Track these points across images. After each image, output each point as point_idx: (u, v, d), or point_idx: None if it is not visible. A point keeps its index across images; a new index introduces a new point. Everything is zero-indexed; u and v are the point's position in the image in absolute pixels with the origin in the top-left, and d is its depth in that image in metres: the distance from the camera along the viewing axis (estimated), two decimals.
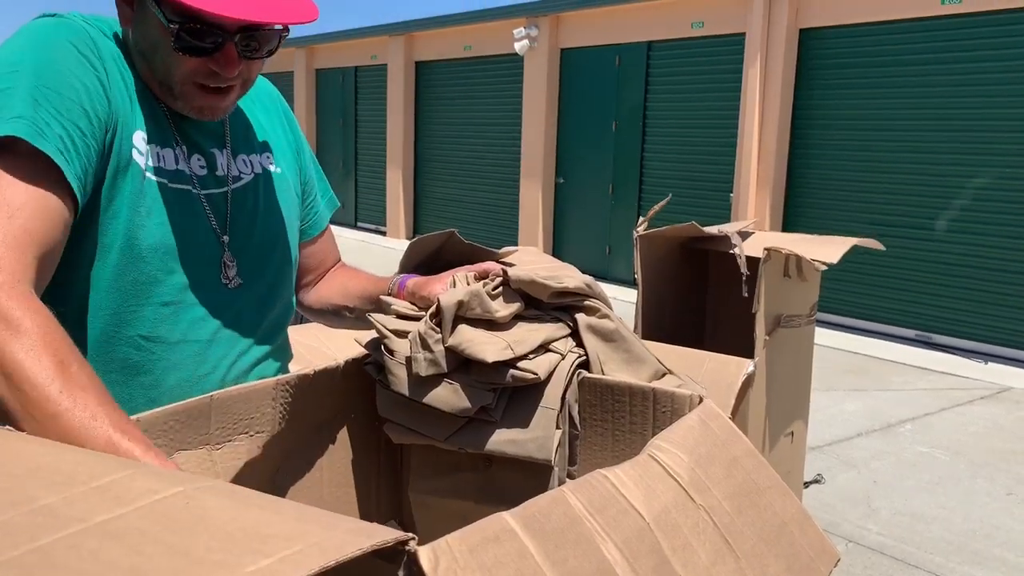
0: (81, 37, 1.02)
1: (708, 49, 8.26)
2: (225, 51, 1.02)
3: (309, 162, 1.35)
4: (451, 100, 11.70)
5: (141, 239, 1.05)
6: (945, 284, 6.71)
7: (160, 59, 1.04)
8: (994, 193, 6.36)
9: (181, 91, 1.06)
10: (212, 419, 0.91)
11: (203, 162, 1.14)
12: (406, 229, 12.55)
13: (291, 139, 1.31)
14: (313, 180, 1.36)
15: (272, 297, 1.22)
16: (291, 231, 1.26)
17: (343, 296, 1.33)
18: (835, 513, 3.62)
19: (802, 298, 2.37)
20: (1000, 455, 4.38)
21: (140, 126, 1.06)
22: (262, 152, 1.24)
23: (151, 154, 1.07)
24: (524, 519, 0.59)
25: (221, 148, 1.17)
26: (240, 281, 1.16)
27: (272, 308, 1.22)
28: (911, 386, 5.66)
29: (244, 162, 1.20)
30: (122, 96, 1.05)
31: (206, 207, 1.13)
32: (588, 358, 0.97)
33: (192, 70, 1.04)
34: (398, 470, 1.14)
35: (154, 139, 1.08)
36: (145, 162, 1.06)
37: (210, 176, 1.15)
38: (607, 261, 9.44)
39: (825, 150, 7.42)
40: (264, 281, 1.20)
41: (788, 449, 2.43)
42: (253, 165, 1.21)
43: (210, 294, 1.13)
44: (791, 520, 0.74)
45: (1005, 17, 6.24)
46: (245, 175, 1.19)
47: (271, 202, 1.23)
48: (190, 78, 1.05)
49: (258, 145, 1.24)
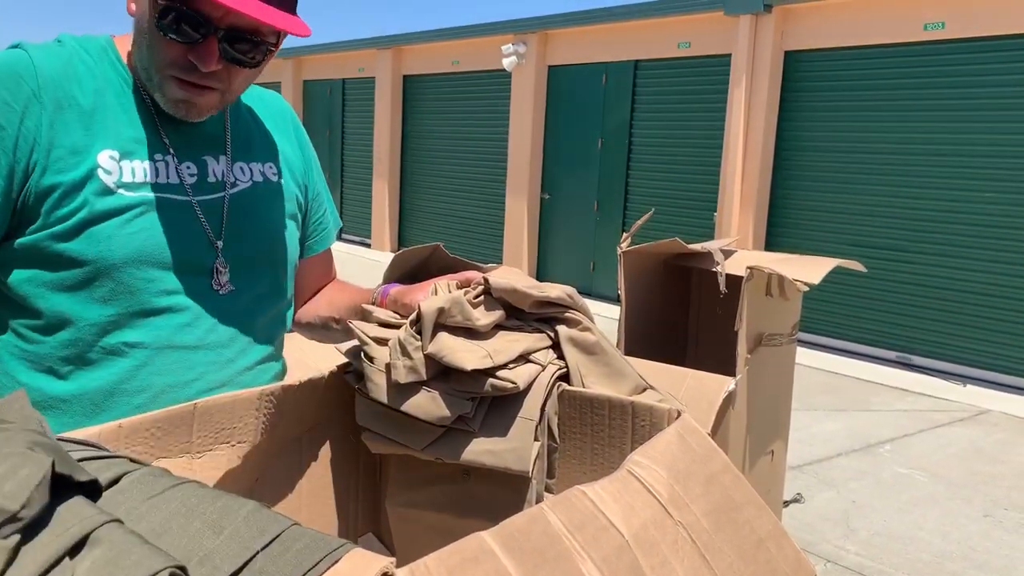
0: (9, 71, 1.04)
1: (694, 69, 8.33)
2: (207, 43, 1.03)
3: (318, 180, 1.36)
4: (438, 114, 11.73)
5: (113, 251, 1.05)
6: (925, 306, 6.77)
7: (146, 45, 1.06)
8: (974, 217, 6.44)
9: (159, 80, 1.07)
10: (195, 427, 0.90)
11: (193, 169, 1.14)
12: (391, 242, 12.53)
13: (300, 156, 1.31)
14: (323, 197, 1.37)
15: (265, 305, 1.22)
16: (290, 242, 1.26)
17: (331, 308, 1.34)
18: (814, 533, 3.63)
19: (784, 317, 2.39)
20: (978, 477, 4.41)
21: (109, 145, 1.07)
22: (264, 162, 1.24)
23: (125, 170, 1.07)
24: (503, 538, 0.59)
25: (218, 154, 1.17)
26: (232, 288, 1.16)
27: (264, 315, 1.22)
28: (890, 407, 5.69)
29: (242, 169, 1.20)
30: (70, 120, 1.05)
31: (198, 213, 1.13)
32: (568, 370, 0.97)
33: (171, 59, 1.04)
34: (377, 482, 1.14)
35: (131, 153, 1.08)
36: (115, 179, 1.06)
37: (201, 182, 1.15)
38: (591, 277, 9.46)
39: (808, 171, 7.49)
40: (257, 288, 1.20)
41: (768, 468, 2.44)
42: (253, 173, 1.21)
43: (199, 300, 1.12)
44: (768, 537, 0.74)
45: (986, 44, 6.34)
46: (242, 182, 1.19)
47: (270, 211, 1.23)
48: (169, 67, 1.05)
49: (260, 154, 1.24)
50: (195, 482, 0.64)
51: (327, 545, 0.56)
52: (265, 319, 1.22)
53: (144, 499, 0.60)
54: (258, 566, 0.55)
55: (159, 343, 1.09)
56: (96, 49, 1.12)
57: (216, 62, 1.04)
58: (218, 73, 1.06)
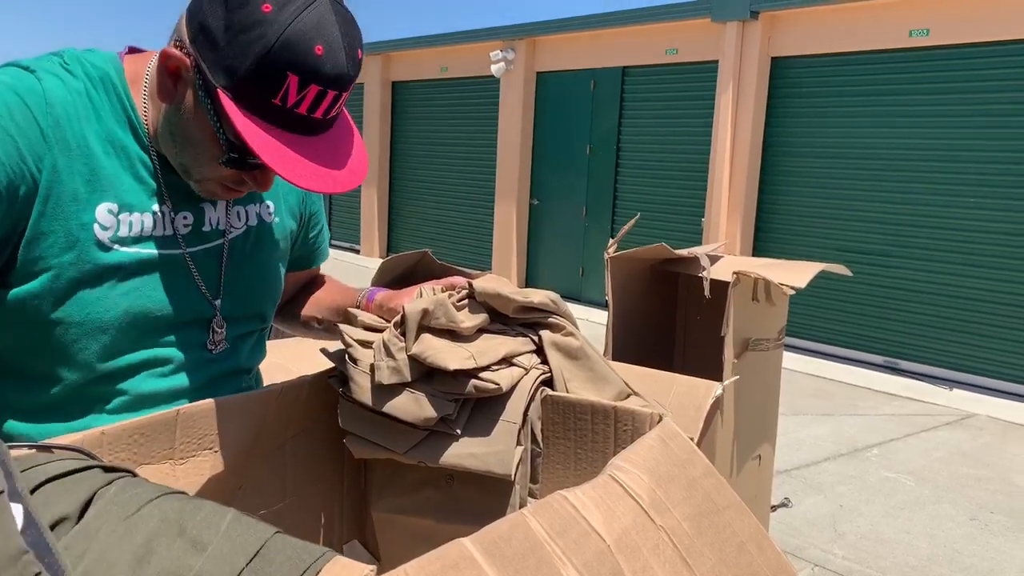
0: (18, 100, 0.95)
1: (682, 76, 8.37)
2: (266, 174, 1.01)
3: (319, 197, 1.31)
4: (427, 120, 11.73)
5: (104, 312, 1.00)
6: (911, 311, 6.81)
7: (193, 154, 1.00)
8: (960, 222, 6.48)
9: (201, 181, 1.03)
10: (177, 434, 0.90)
11: (189, 219, 1.08)
12: (380, 248, 12.52)
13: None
14: (320, 214, 1.33)
15: (250, 343, 1.18)
16: (278, 280, 1.22)
17: (314, 307, 1.33)
18: (801, 537, 3.64)
19: (770, 322, 2.40)
20: (964, 481, 4.43)
21: (109, 198, 1.00)
22: (261, 201, 1.18)
23: (122, 224, 1.01)
24: (484, 545, 0.59)
25: (216, 201, 1.11)
26: (227, 345, 1.11)
27: (247, 350, 1.18)
28: (877, 411, 5.72)
29: (239, 214, 1.14)
30: (75, 165, 0.98)
31: (191, 267, 1.07)
32: (552, 375, 0.98)
33: (226, 176, 1.01)
34: (361, 489, 1.13)
35: (130, 206, 1.02)
36: (111, 235, 1.00)
37: (196, 232, 1.08)
38: (580, 283, 9.47)
39: (795, 176, 7.52)
40: (249, 339, 1.16)
41: (755, 472, 2.45)
42: (248, 216, 1.15)
43: (189, 359, 1.07)
44: (749, 539, 0.75)
45: (970, 51, 6.39)
46: (236, 228, 1.13)
47: (263, 255, 1.17)
48: (220, 180, 1.02)
49: (257, 195, 1.17)
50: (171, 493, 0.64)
51: (309, 555, 0.56)
52: (246, 358, 1.18)
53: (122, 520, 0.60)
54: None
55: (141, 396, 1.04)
56: (104, 82, 1.03)
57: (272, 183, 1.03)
58: None
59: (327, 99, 0.93)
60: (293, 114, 0.92)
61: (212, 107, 0.94)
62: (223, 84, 0.92)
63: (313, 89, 0.91)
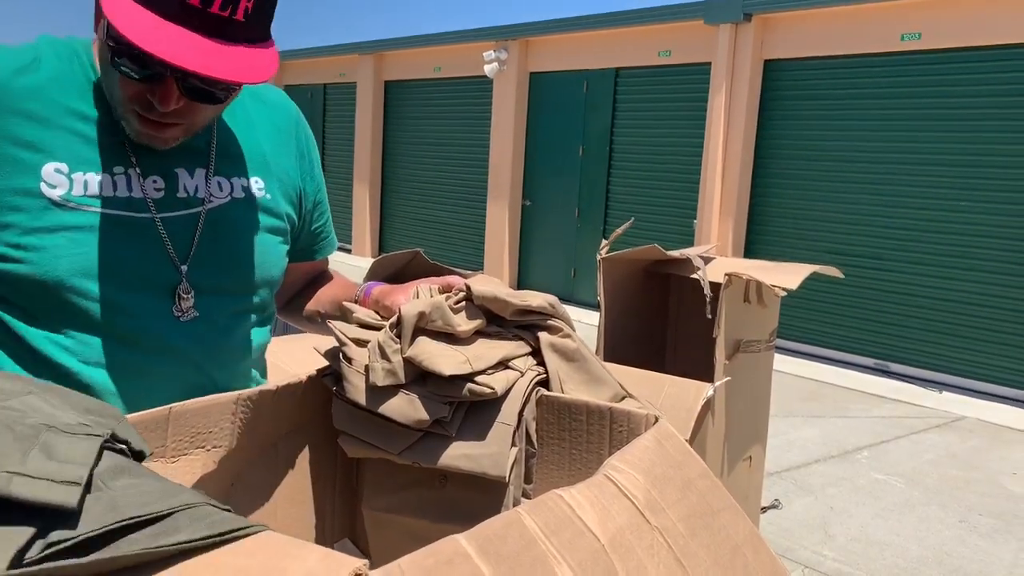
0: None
1: (675, 77, 8.39)
2: (165, 83, 0.97)
3: (322, 186, 1.31)
4: (420, 120, 11.73)
5: (58, 265, 1.00)
6: (902, 314, 6.83)
7: (107, 81, 1.01)
8: (951, 225, 6.51)
9: (122, 114, 1.02)
10: (169, 431, 0.89)
11: (160, 183, 1.07)
12: (372, 247, 12.50)
13: (296, 164, 1.24)
14: (325, 204, 1.32)
15: (237, 328, 1.16)
16: (273, 260, 1.19)
17: (315, 302, 1.32)
18: (792, 539, 3.65)
19: (761, 324, 2.40)
20: (953, 483, 4.45)
21: (59, 158, 1.01)
22: (250, 175, 1.16)
23: (76, 183, 1.02)
24: (478, 542, 0.58)
25: (194, 168, 1.10)
26: (196, 314, 1.09)
27: (235, 338, 1.16)
28: (868, 414, 5.74)
29: (220, 184, 1.13)
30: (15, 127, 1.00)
31: (161, 231, 1.07)
32: (548, 377, 0.97)
33: (130, 96, 0.99)
34: (354, 487, 1.13)
35: (85, 166, 1.03)
36: (63, 192, 1.01)
37: (169, 198, 1.08)
38: (572, 284, 9.47)
39: (787, 179, 7.55)
40: (228, 313, 1.14)
41: (746, 474, 2.45)
42: (233, 188, 1.14)
43: (154, 325, 1.06)
44: (744, 542, 0.74)
45: (962, 55, 6.42)
46: (218, 198, 1.12)
47: (249, 229, 1.15)
48: (129, 104, 1.00)
49: (246, 168, 1.16)
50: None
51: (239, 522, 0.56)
52: (236, 342, 1.16)
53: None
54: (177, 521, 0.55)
55: (100, 364, 1.04)
56: (68, 53, 1.06)
57: (176, 101, 0.98)
58: (179, 110, 0.99)
59: None
60: (185, 4, 0.89)
61: (99, 10, 0.96)
62: None
63: None
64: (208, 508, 0.58)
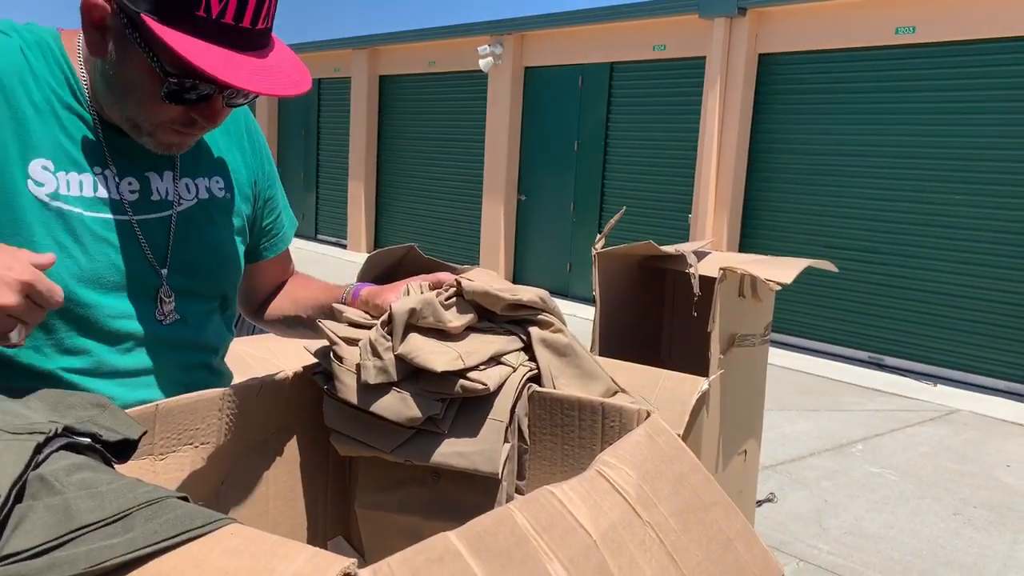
0: None
1: (669, 71, 8.37)
2: (212, 103, 0.99)
3: (274, 181, 1.30)
4: (415, 115, 11.70)
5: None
6: (897, 307, 6.84)
7: (136, 100, 0.99)
8: (945, 219, 6.52)
9: (152, 131, 1.02)
10: (156, 429, 0.88)
11: (135, 185, 1.07)
12: (367, 243, 12.48)
13: (250, 160, 1.24)
14: (277, 200, 1.31)
15: (208, 325, 1.17)
16: (236, 259, 1.21)
17: (294, 306, 1.31)
18: (787, 532, 3.65)
19: (756, 318, 2.40)
20: (947, 475, 4.46)
21: (44, 154, 1.00)
22: (211, 176, 1.17)
23: (61, 182, 1.01)
24: (469, 539, 0.58)
25: (162, 171, 1.10)
26: (177, 316, 1.10)
27: (207, 333, 1.17)
28: (862, 407, 5.75)
29: (188, 186, 1.13)
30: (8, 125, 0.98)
31: (138, 234, 1.06)
32: (540, 372, 0.97)
33: (174, 117, 1.00)
34: (346, 485, 1.12)
35: (69, 165, 1.02)
36: (49, 190, 1.00)
37: (143, 200, 1.08)
38: (568, 279, 9.47)
39: (782, 173, 7.55)
40: (202, 311, 1.15)
41: (741, 468, 2.45)
42: (198, 189, 1.15)
43: (140, 328, 1.06)
44: (736, 536, 0.74)
45: (956, 48, 6.42)
46: (187, 200, 1.12)
47: (216, 230, 1.16)
48: (169, 124, 1.01)
49: (207, 168, 1.17)
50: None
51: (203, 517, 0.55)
52: (210, 342, 1.18)
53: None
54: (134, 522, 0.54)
55: (93, 370, 1.04)
56: (41, 46, 1.04)
57: (223, 117, 1.01)
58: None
59: (250, 5, 0.93)
60: (221, 24, 0.92)
61: (141, 39, 0.94)
62: (145, 8, 0.92)
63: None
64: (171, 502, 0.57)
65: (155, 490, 0.58)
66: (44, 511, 0.54)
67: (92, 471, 0.60)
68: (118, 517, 0.54)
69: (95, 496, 0.56)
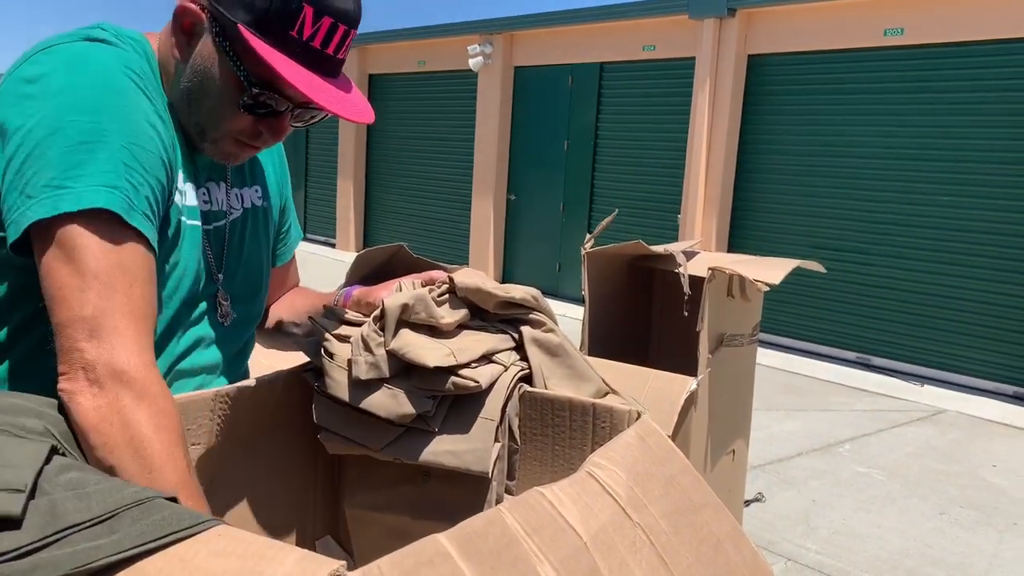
0: (140, 73, 0.98)
1: (659, 72, 8.39)
2: (282, 119, 1.03)
3: (289, 190, 1.34)
4: (404, 114, 11.68)
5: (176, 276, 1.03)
6: (884, 308, 6.88)
7: (210, 106, 1.01)
8: (933, 220, 6.56)
9: (218, 139, 1.04)
10: None
11: (206, 195, 1.11)
12: (356, 241, 12.45)
13: (278, 169, 1.29)
14: (290, 208, 1.35)
15: (251, 332, 1.22)
16: (268, 263, 1.26)
17: (291, 313, 1.32)
18: (774, 532, 3.67)
19: (745, 318, 2.41)
20: (934, 475, 4.49)
21: (181, 164, 1.04)
22: (252, 185, 1.21)
23: (181, 194, 1.04)
24: (459, 541, 0.58)
25: (219, 180, 1.14)
26: (234, 316, 1.15)
27: (246, 343, 1.22)
28: (850, 407, 5.77)
29: (237, 196, 1.18)
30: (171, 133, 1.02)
31: (206, 244, 1.11)
32: (531, 372, 0.97)
33: (242, 128, 1.03)
34: (336, 485, 1.12)
35: (185, 177, 1.06)
36: (181, 200, 1.04)
37: (209, 209, 1.12)
38: (557, 278, 9.48)
39: (770, 173, 7.57)
40: (244, 317, 1.19)
41: (729, 467, 2.46)
42: (244, 199, 1.19)
43: (207, 331, 1.11)
44: (727, 538, 0.74)
45: (944, 50, 6.46)
46: (236, 210, 1.17)
47: (257, 237, 1.21)
48: (237, 134, 1.03)
49: (249, 178, 1.21)
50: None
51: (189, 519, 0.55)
52: (247, 345, 1.23)
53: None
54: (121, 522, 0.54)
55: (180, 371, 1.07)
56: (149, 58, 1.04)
57: (288, 134, 1.05)
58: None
59: (338, 33, 0.98)
60: (310, 48, 0.96)
61: (231, 48, 0.97)
62: (243, 19, 0.94)
63: (326, 21, 0.96)
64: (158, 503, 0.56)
65: (142, 491, 0.58)
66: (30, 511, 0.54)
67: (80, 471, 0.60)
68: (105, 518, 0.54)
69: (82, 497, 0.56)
